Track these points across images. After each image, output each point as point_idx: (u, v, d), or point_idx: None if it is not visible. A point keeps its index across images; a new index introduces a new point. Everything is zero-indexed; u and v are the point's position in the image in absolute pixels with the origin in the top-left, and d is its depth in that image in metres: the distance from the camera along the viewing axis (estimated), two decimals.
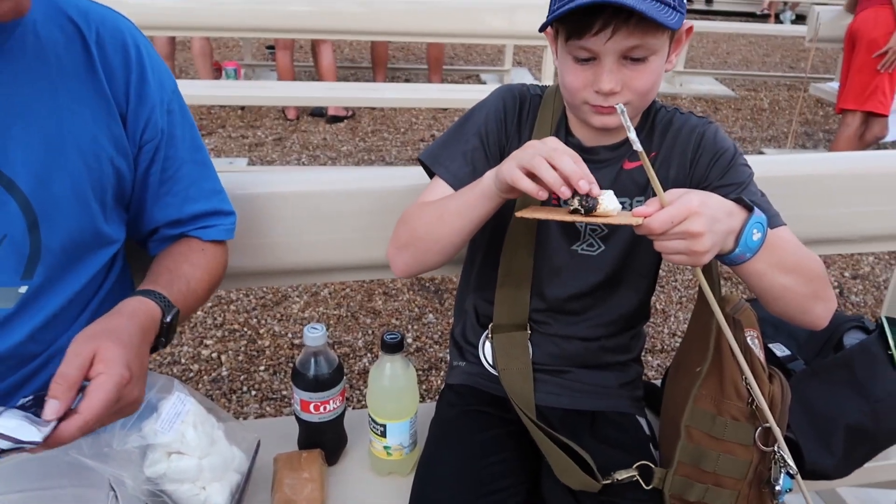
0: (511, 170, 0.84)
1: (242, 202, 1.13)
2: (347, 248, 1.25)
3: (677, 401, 1.03)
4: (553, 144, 0.84)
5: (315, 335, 1.02)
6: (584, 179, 0.80)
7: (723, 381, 0.97)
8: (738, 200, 0.87)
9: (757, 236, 0.85)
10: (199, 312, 2.51)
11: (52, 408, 0.70)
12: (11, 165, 0.80)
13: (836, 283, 2.91)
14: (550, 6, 0.92)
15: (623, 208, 0.91)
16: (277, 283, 1.94)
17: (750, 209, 0.86)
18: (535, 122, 1.05)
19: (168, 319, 0.87)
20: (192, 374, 2.20)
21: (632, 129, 0.78)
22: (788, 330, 1.17)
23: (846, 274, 3.00)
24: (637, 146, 0.78)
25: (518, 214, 0.88)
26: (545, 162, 0.81)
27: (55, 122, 0.83)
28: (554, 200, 0.95)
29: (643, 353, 1.20)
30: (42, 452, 0.72)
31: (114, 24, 0.89)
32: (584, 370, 1.11)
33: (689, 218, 0.79)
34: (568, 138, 1.04)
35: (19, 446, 0.68)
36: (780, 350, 1.14)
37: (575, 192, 0.81)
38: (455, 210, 0.97)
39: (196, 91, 3.45)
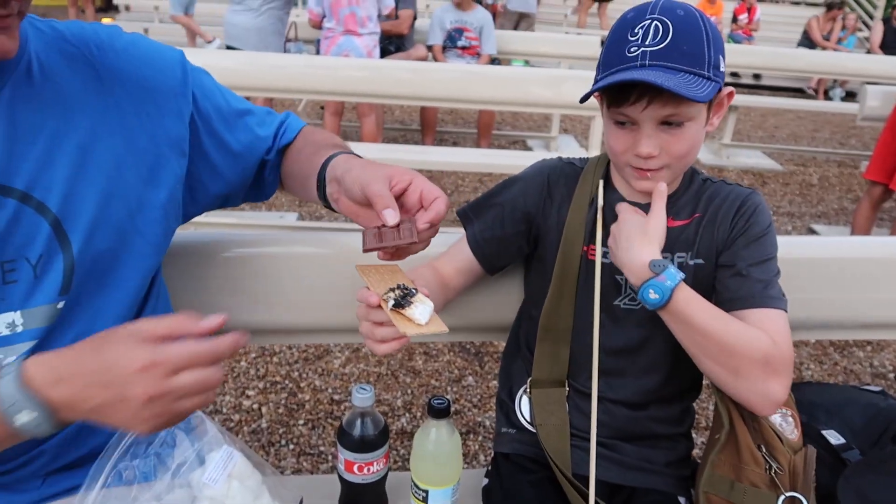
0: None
1: (290, 260, 1.18)
2: None
3: (701, 469, 1.05)
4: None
5: (363, 396, 1.04)
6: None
7: (739, 448, 1.00)
8: (654, 264, 0.94)
9: (654, 296, 0.93)
10: (242, 363, 2.55)
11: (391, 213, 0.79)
12: (40, 188, 0.82)
13: (891, 368, 2.81)
14: (596, 74, 0.98)
15: (670, 261, 0.97)
16: (321, 340, 1.98)
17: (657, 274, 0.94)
18: (572, 196, 1.10)
19: None
20: (232, 425, 2.23)
21: None
22: (842, 418, 1.14)
23: None
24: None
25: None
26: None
27: (74, 140, 0.85)
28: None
29: None
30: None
31: (107, 34, 0.91)
32: (631, 445, 1.10)
33: None
34: (614, 195, 1.08)
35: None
36: (834, 438, 1.11)
37: (400, 288, 0.82)
38: None
39: None
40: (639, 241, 0.95)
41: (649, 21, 0.92)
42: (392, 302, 0.80)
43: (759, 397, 0.96)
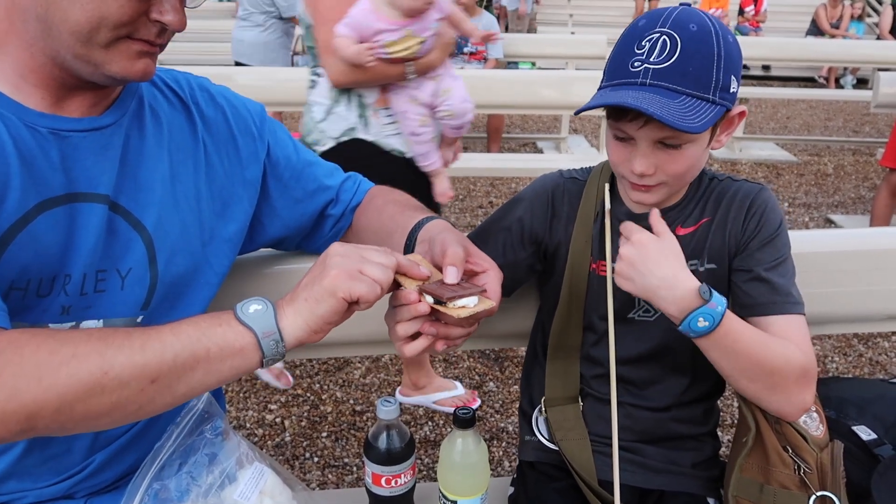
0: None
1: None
2: None
3: (729, 473, 1.04)
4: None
5: (389, 409, 1.04)
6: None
7: (766, 450, 0.99)
8: (700, 290, 0.88)
9: (703, 324, 0.89)
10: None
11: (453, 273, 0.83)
12: (139, 208, 0.90)
13: None
14: (601, 81, 0.97)
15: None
16: (343, 353, 1.99)
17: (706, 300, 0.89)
18: (577, 210, 1.08)
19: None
20: (255, 440, 2.24)
21: None
22: (873, 413, 1.12)
23: None
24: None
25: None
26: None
27: (168, 170, 0.93)
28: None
29: None
30: None
31: (198, 83, 1.01)
32: (655, 448, 1.10)
33: None
34: (619, 207, 1.06)
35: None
36: (865, 434, 1.09)
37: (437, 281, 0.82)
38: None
39: None
40: (670, 267, 0.90)
41: (658, 35, 0.89)
42: (433, 298, 0.81)
43: (792, 408, 0.97)
